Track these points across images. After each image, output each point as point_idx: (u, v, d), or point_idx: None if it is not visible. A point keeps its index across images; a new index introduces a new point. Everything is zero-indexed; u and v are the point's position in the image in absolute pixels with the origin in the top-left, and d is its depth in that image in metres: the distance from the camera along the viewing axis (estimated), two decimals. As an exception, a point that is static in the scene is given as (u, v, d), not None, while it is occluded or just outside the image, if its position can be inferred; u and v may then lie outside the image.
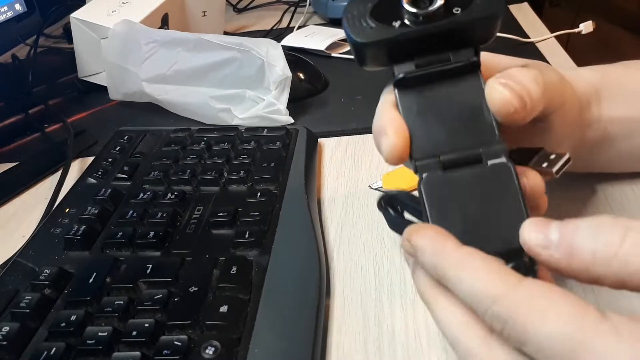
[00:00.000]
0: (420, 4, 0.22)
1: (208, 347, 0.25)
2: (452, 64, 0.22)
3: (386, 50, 0.23)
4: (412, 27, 0.22)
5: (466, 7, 0.22)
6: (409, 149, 0.23)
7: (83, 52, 0.58)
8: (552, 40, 0.62)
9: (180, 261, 0.30)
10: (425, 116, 0.23)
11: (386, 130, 0.23)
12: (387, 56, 0.23)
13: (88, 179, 0.40)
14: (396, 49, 0.22)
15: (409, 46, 0.22)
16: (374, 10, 0.23)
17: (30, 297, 0.28)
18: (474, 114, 0.22)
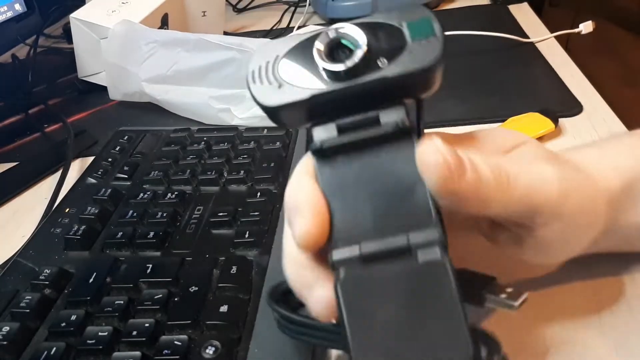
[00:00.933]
0: (337, 56, 0.18)
1: (208, 347, 0.25)
2: (377, 129, 0.18)
3: (299, 113, 0.19)
4: (328, 86, 0.18)
5: (393, 57, 0.18)
6: (327, 233, 0.18)
7: (83, 52, 0.59)
8: (552, 41, 0.62)
9: (180, 261, 0.30)
10: (348, 193, 0.18)
11: (301, 209, 0.18)
12: (301, 119, 0.19)
13: (88, 179, 0.40)
14: (311, 112, 0.19)
15: (326, 108, 0.19)
16: (283, 64, 0.19)
17: (30, 297, 0.28)
18: (407, 189, 0.18)
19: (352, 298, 0.17)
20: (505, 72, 0.55)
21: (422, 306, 0.17)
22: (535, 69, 0.56)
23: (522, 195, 0.20)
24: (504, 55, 0.59)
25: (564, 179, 0.21)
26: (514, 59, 0.58)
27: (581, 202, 0.21)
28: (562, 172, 0.21)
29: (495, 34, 0.60)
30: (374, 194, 0.18)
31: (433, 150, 0.18)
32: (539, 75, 0.54)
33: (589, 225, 0.23)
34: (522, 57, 0.59)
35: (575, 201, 0.21)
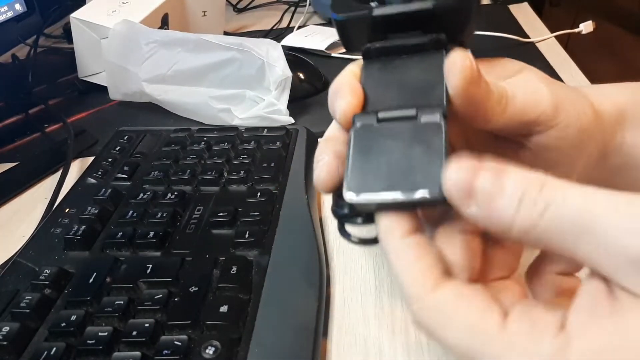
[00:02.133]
0: None
1: (208, 347, 0.25)
2: (417, 38, 0.23)
3: (362, 26, 0.23)
4: (388, 7, 0.23)
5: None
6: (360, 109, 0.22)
7: (83, 52, 0.59)
8: (552, 40, 0.62)
9: (180, 261, 0.30)
10: (382, 85, 0.23)
11: (342, 90, 0.22)
12: (368, 33, 0.23)
13: (88, 179, 0.40)
14: (370, 27, 0.23)
15: (383, 24, 0.23)
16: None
17: (30, 297, 0.28)
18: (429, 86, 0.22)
19: (360, 142, 0.21)
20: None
21: (414, 154, 0.20)
22: (535, 69, 0.56)
23: (519, 109, 0.23)
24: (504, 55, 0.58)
25: (557, 94, 0.24)
26: (515, 59, 0.58)
27: (574, 112, 0.24)
28: (555, 89, 0.24)
29: (496, 33, 0.60)
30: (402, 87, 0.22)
31: (465, 55, 0.21)
32: (539, 75, 0.54)
33: (583, 133, 0.24)
34: (522, 57, 0.58)
35: (568, 112, 0.24)
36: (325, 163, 0.22)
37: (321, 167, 0.22)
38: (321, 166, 0.22)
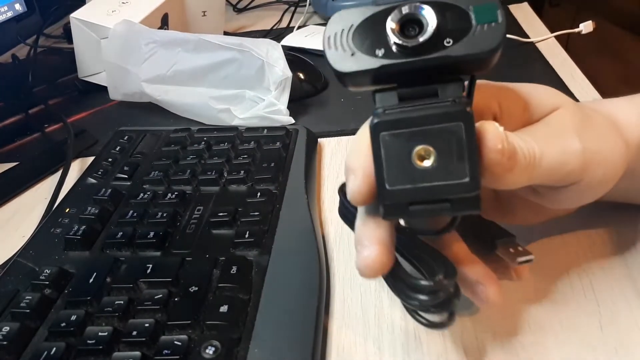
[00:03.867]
0: (407, 31, 0.20)
1: (208, 347, 0.25)
2: (435, 107, 0.20)
3: (366, 80, 0.21)
4: (397, 59, 0.20)
5: (459, 38, 0.19)
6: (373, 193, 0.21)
7: (83, 52, 0.59)
8: (552, 40, 0.62)
9: (180, 261, 0.30)
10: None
11: (355, 171, 0.21)
12: (368, 84, 0.21)
13: (88, 179, 0.40)
14: (377, 79, 0.21)
15: (392, 77, 0.21)
16: (357, 33, 0.21)
17: (30, 297, 0.28)
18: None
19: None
20: (505, 72, 0.55)
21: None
22: (535, 69, 0.56)
23: (545, 172, 0.22)
24: (503, 55, 0.59)
25: (587, 152, 0.23)
26: (514, 59, 0.58)
27: (602, 172, 0.23)
28: (586, 144, 0.23)
29: (496, 33, 0.60)
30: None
31: (498, 137, 0.20)
32: (539, 75, 0.54)
33: (606, 184, 0.24)
34: (522, 57, 0.59)
35: (595, 170, 0.23)
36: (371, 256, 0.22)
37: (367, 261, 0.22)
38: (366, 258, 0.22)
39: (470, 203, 0.19)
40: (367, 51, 0.20)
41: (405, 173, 0.19)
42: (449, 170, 0.19)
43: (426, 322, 0.24)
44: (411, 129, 0.19)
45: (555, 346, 0.26)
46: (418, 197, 0.20)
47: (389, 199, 0.20)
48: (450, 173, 0.19)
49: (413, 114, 0.19)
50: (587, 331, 0.26)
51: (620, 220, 0.31)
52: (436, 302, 0.22)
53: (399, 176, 0.20)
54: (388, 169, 0.20)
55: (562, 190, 0.24)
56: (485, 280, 0.24)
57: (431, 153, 0.19)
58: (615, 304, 0.27)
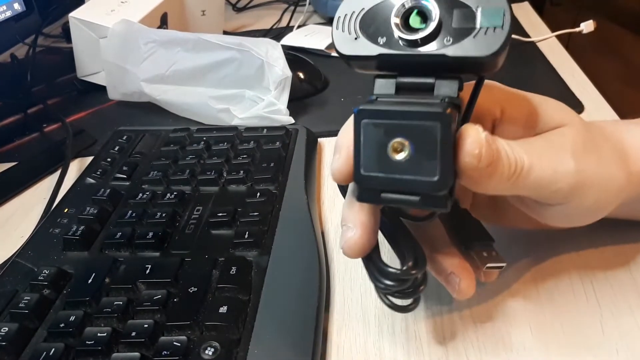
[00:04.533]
0: (411, 22, 0.20)
1: (207, 347, 0.25)
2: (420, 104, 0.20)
3: (367, 65, 0.22)
4: (395, 50, 0.20)
5: (458, 39, 0.19)
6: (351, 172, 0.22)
7: (82, 52, 0.58)
8: (553, 40, 0.61)
9: (179, 262, 0.30)
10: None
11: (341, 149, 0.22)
12: (369, 68, 0.22)
13: (87, 179, 0.40)
14: (377, 66, 0.21)
15: (391, 66, 0.21)
16: (365, 17, 0.21)
17: (29, 298, 0.28)
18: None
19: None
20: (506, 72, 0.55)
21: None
22: (536, 68, 0.56)
23: (531, 186, 0.22)
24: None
25: (581, 175, 0.22)
26: (515, 59, 0.58)
27: (593, 199, 0.23)
28: (582, 167, 0.22)
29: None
30: None
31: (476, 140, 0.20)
32: (540, 74, 0.54)
33: (597, 211, 0.24)
34: (523, 57, 0.58)
35: (586, 197, 0.23)
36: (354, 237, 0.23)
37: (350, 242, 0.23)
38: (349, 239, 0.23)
39: (438, 201, 0.20)
40: (370, 37, 0.21)
41: (380, 162, 0.20)
42: (420, 167, 0.20)
43: (390, 304, 0.24)
44: (391, 121, 0.20)
45: (556, 347, 0.26)
46: (388, 187, 0.20)
47: (361, 183, 0.21)
48: (421, 170, 0.20)
49: (397, 107, 0.20)
50: (588, 332, 0.26)
51: (621, 222, 0.31)
52: (402, 289, 0.23)
53: (373, 164, 0.20)
54: (365, 155, 0.20)
55: (549, 208, 0.24)
56: (459, 272, 0.25)
57: (406, 147, 0.20)
58: (617, 305, 0.27)
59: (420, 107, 0.20)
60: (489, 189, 0.21)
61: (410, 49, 0.20)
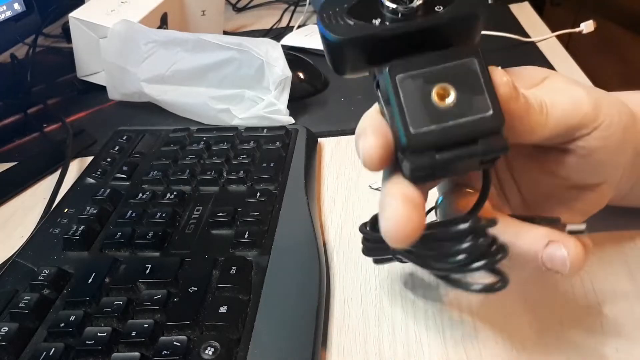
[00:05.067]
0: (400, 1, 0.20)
1: (207, 347, 0.25)
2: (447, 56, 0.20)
3: (365, 49, 0.21)
4: (393, 25, 0.20)
5: (448, 4, 0.20)
6: (390, 151, 0.20)
7: (82, 52, 0.58)
8: (553, 40, 0.61)
9: (179, 261, 0.30)
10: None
11: (366, 132, 0.21)
12: (366, 56, 0.21)
13: (87, 178, 0.40)
14: (376, 48, 0.21)
15: (390, 45, 0.21)
16: (352, 10, 0.21)
17: (29, 298, 0.28)
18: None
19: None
20: (505, 72, 0.55)
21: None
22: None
23: (560, 117, 0.22)
24: (505, 54, 0.59)
25: (593, 95, 0.23)
26: (515, 58, 0.58)
27: (615, 111, 0.23)
28: (590, 90, 0.23)
29: (496, 33, 0.60)
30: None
31: (501, 72, 0.20)
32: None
33: (625, 130, 0.23)
34: (523, 57, 0.58)
35: (608, 110, 0.23)
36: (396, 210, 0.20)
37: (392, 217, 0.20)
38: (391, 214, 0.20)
39: (498, 141, 0.19)
40: (366, 21, 0.21)
41: (428, 114, 0.19)
42: (470, 105, 0.19)
43: (479, 286, 0.21)
44: (427, 68, 0.19)
45: (556, 347, 0.26)
46: (444, 140, 0.19)
47: (414, 143, 0.19)
48: (473, 108, 0.19)
49: (425, 55, 0.20)
50: (587, 331, 0.26)
51: (620, 221, 0.31)
52: (479, 252, 0.20)
53: (422, 118, 0.19)
54: (410, 112, 0.19)
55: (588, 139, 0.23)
56: (560, 239, 0.21)
57: (450, 90, 0.19)
58: (616, 304, 0.27)
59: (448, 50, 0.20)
60: (533, 130, 0.21)
61: (406, 22, 0.20)
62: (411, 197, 0.20)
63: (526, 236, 0.22)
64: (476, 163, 0.20)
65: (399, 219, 0.19)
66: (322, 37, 0.21)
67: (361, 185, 0.40)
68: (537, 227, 0.22)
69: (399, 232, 0.19)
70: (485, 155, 0.19)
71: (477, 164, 0.20)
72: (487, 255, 0.20)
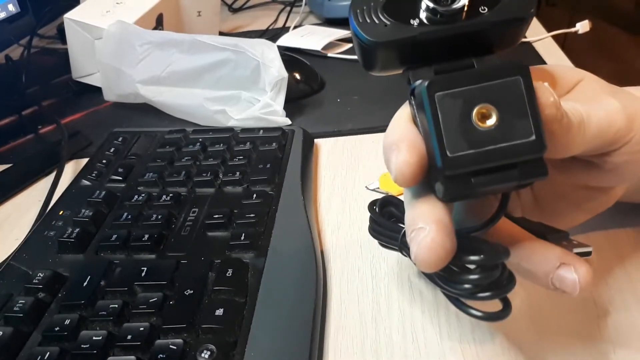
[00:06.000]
0: (442, 1, 0.19)
1: (204, 350, 0.24)
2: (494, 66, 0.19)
3: (402, 52, 0.20)
4: (434, 27, 0.19)
5: (493, 6, 0.19)
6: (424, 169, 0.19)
7: (77, 53, 0.58)
8: (549, 40, 0.62)
9: (175, 264, 0.30)
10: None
11: (399, 146, 0.19)
12: (402, 59, 0.20)
13: (82, 180, 0.40)
14: (414, 51, 0.20)
15: (429, 48, 0.19)
16: (387, 6, 0.20)
17: (23, 301, 0.28)
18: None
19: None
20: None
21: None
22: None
23: (595, 133, 0.21)
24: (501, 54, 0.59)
25: (627, 106, 0.22)
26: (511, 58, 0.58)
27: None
28: (624, 101, 0.22)
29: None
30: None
31: (548, 91, 0.19)
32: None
33: None
34: (519, 56, 0.58)
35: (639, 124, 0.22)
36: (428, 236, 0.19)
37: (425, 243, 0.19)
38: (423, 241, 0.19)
39: (537, 166, 0.18)
40: (403, 21, 0.19)
41: (466, 136, 0.18)
42: (512, 129, 0.18)
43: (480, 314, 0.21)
44: (468, 87, 0.18)
45: (553, 347, 0.26)
46: (481, 165, 0.18)
47: (451, 168, 0.18)
48: (515, 132, 0.18)
49: (468, 72, 0.18)
50: (585, 332, 0.26)
51: (617, 223, 0.31)
52: (489, 281, 0.20)
53: (460, 141, 0.18)
54: (447, 133, 0.18)
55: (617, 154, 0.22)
56: (571, 260, 0.21)
57: (492, 112, 0.18)
58: (613, 306, 0.27)
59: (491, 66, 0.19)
60: (570, 146, 0.20)
61: (448, 25, 0.19)
62: (445, 223, 0.19)
63: (539, 256, 0.22)
64: (512, 187, 0.19)
65: (432, 247, 0.19)
66: (354, 35, 0.20)
67: (358, 186, 0.39)
68: (550, 247, 0.22)
69: (431, 259, 0.19)
70: (523, 180, 0.18)
71: (512, 187, 0.19)
72: (496, 286, 0.20)
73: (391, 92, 0.43)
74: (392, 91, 0.41)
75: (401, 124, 0.20)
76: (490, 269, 0.20)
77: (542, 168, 0.18)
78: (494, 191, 0.20)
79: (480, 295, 0.20)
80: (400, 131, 0.20)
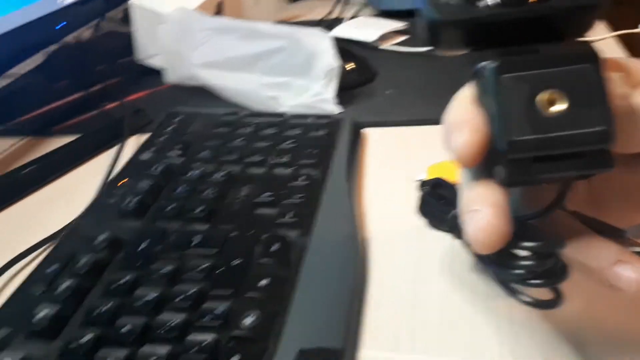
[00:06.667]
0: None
1: (247, 316, 0.26)
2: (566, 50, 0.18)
3: (467, 33, 0.19)
4: (502, 9, 0.18)
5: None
6: (485, 149, 0.19)
7: (141, 36, 0.61)
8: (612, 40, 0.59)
9: (224, 236, 0.32)
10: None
11: (462, 125, 0.19)
12: (466, 39, 0.20)
13: (142, 155, 0.43)
14: (479, 34, 0.19)
15: (495, 31, 0.19)
16: None
17: (86, 259, 0.31)
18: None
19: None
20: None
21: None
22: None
23: None
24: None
25: None
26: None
27: None
28: None
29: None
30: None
31: (620, 81, 0.18)
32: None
33: None
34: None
35: None
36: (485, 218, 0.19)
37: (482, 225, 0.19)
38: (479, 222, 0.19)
39: (603, 158, 0.18)
40: (471, 1, 0.19)
41: (531, 121, 0.17)
42: (580, 117, 0.17)
43: (531, 300, 0.21)
44: (537, 71, 0.17)
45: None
46: (544, 151, 0.17)
47: (513, 151, 0.17)
48: (582, 120, 0.17)
49: (535, 56, 0.18)
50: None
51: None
52: (543, 269, 0.20)
53: (524, 125, 0.17)
54: (512, 116, 0.17)
55: None
56: (627, 257, 0.20)
57: (559, 98, 0.17)
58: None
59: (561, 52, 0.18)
60: (635, 146, 0.19)
61: (517, 7, 0.18)
62: (502, 207, 0.19)
63: (596, 250, 0.21)
64: (573, 176, 0.19)
65: (490, 229, 0.19)
66: (421, 12, 0.20)
67: (404, 177, 0.40)
68: (607, 243, 0.21)
69: (486, 241, 0.19)
70: (586, 170, 0.18)
71: (573, 177, 0.19)
72: (548, 275, 0.20)
73: (442, 86, 0.43)
74: (443, 85, 0.41)
75: (463, 105, 0.20)
76: (545, 257, 0.20)
77: (607, 160, 0.18)
78: (554, 179, 0.20)
79: (532, 282, 0.20)
80: (462, 112, 0.20)
